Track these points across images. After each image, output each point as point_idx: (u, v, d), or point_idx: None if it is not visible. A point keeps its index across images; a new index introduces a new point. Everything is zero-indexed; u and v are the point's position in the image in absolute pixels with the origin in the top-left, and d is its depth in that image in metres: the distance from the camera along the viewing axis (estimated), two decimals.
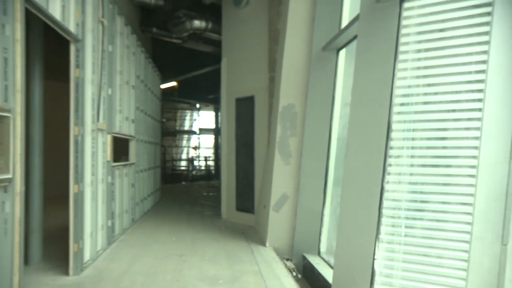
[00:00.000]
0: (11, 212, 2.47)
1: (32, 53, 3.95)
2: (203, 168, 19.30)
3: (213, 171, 18.32)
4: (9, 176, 2.44)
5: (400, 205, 2.82)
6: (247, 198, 6.73)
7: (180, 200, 9.97)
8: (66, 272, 3.80)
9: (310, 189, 4.95)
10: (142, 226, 6.27)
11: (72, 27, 3.51)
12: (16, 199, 2.50)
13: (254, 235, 5.84)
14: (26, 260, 3.98)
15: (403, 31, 2.87)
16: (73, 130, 3.65)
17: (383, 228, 2.89)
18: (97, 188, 4.25)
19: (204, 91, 16.04)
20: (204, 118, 20.42)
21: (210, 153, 20.42)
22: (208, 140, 20.84)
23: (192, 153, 20.05)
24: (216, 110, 17.92)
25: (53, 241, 4.83)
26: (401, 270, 2.80)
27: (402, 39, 2.87)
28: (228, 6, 7.13)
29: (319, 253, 4.83)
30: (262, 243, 5.26)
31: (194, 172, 17.68)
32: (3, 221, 2.43)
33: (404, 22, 2.87)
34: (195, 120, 20.15)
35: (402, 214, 2.80)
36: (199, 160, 19.55)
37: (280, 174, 5.24)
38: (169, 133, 17.57)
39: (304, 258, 4.81)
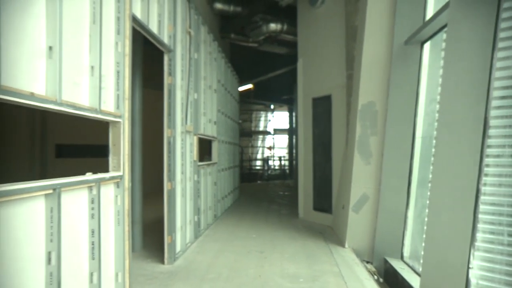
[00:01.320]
0: (122, 205, 2.84)
1: (133, 65, 4.46)
2: (277, 167, 19.57)
3: (287, 171, 18.47)
4: (120, 173, 2.80)
5: (501, 211, 2.59)
6: (325, 197, 6.70)
7: (257, 198, 10.26)
8: (161, 261, 4.21)
9: (392, 190, 4.77)
10: (223, 223, 6.63)
11: (166, 39, 3.89)
12: (125, 193, 2.87)
13: (332, 235, 5.80)
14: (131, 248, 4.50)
15: (504, 15, 2.62)
16: (166, 132, 4.03)
17: (479, 235, 2.68)
18: (186, 185, 4.63)
19: (278, 92, 16.28)
20: (278, 118, 20.68)
21: (284, 153, 20.61)
22: (282, 140, 21.05)
23: (267, 153, 20.43)
24: (290, 111, 18.03)
25: (150, 232, 5.36)
26: (504, 284, 2.55)
27: (503, 24, 2.63)
28: (304, 6, 7.18)
29: (402, 258, 4.63)
30: (341, 243, 5.21)
31: (269, 172, 18.00)
32: (116, 213, 2.81)
33: (505, 5, 2.62)
34: (269, 120, 20.52)
35: (504, 221, 2.57)
36: (274, 160, 19.85)
37: (360, 174, 5.14)
38: (245, 134, 18.16)
39: (386, 261, 4.65)
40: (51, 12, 2.04)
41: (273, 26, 8.30)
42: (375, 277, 4.35)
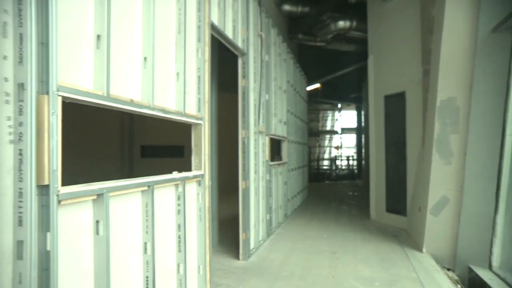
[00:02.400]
0: (203, 202, 3.03)
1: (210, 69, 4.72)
2: (345, 167, 19.11)
3: (355, 171, 17.95)
4: (202, 172, 3.00)
5: None
6: (398, 199, 6.40)
7: (326, 198, 10.14)
8: (236, 257, 4.38)
9: (477, 192, 4.40)
10: (293, 222, 6.67)
11: (239, 43, 4.05)
12: (206, 191, 3.05)
13: (408, 238, 5.53)
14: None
15: None
16: (241, 133, 4.19)
17: None
18: (259, 184, 4.76)
19: (346, 91, 15.89)
20: (345, 117, 20.17)
21: (352, 152, 20.05)
22: (350, 140, 20.48)
23: (335, 153, 20.04)
24: (358, 109, 17.47)
25: (224, 229, 5.60)
26: None
27: None
28: (374, 1, 6.93)
29: (490, 267, 4.25)
30: (418, 248, 4.94)
31: (337, 172, 17.66)
32: (198, 209, 3.00)
33: None
34: (336, 120, 20.10)
35: None
36: (342, 160, 19.40)
37: (439, 175, 4.82)
38: (312, 134, 18.03)
39: (471, 270, 4.30)
40: (146, 27, 2.27)
41: (341, 23, 8.15)
42: (459, 286, 4.06)
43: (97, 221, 1.89)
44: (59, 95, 1.57)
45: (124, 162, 6.57)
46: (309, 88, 11.61)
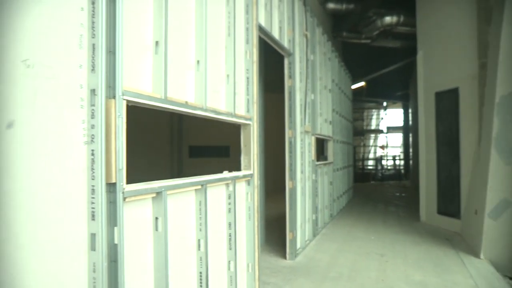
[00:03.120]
0: (252, 201, 3.09)
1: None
2: (391, 167, 18.47)
3: (402, 171, 17.28)
4: (251, 172, 3.05)
5: None
6: (452, 201, 6.09)
7: (372, 199, 9.88)
8: (283, 256, 4.41)
9: None
10: (339, 222, 6.58)
11: (286, 44, 4.07)
12: (255, 191, 3.11)
13: (462, 243, 5.24)
14: None
15: None
16: (287, 133, 4.21)
17: None
18: (305, 184, 4.75)
19: (392, 89, 15.35)
20: (391, 116, 19.48)
21: (398, 151, 19.33)
22: (396, 139, 19.75)
23: (380, 152, 19.42)
24: (405, 107, 16.80)
25: (271, 228, 5.65)
26: None
27: None
28: None
29: None
30: (474, 253, 4.67)
31: (382, 172, 17.11)
32: (247, 208, 3.07)
33: None
34: (382, 118, 19.47)
35: None
36: (387, 159, 18.77)
37: (499, 176, 4.53)
38: (356, 133, 17.61)
39: None
40: (198, 31, 2.36)
41: (388, 19, 7.90)
42: None
43: (156, 218, 2.00)
44: (124, 99, 1.68)
45: (174, 162, 6.85)
46: (353, 86, 11.37)
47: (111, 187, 1.63)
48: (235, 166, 3.08)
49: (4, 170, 1.24)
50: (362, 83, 13.58)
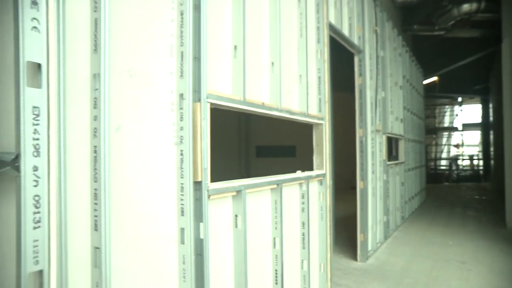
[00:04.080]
0: (324, 201, 3.07)
1: None
2: (467, 168, 17.05)
3: (481, 172, 15.85)
4: (323, 172, 3.04)
5: None
6: None
7: (447, 201, 9.22)
8: (353, 258, 4.30)
9: None
10: (412, 225, 6.24)
11: (355, 41, 3.98)
12: (327, 191, 3.08)
13: None
14: None
15: None
16: (358, 132, 4.10)
17: None
18: (376, 185, 4.59)
19: (468, 83, 14.12)
20: (467, 112, 17.95)
21: (476, 151, 17.77)
22: (473, 137, 18.17)
23: (454, 152, 18.02)
24: (485, 102, 15.37)
25: (339, 229, 5.54)
26: None
27: None
28: None
29: None
30: None
31: (457, 172, 15.87)
32: (319, 208, 3.05)
33: None
34: (456, 115, 18.04)
35: None
36: (463, 159, 17.36)
37: None
38: (428, 131, 16.53)
39: None
40: (273, 34, 2.41)
41: (466, 7, 7.29)
42: None
43: (236, 215, 2.08)
44: (208, 102, 1.78)
45: (241, 162, 7.02)
46: (425, 82, 10.70)
47: (197, 185, 1.73)
48: (302, 166, 3.08)
49: (115, 168, 1.38)
50: (434, 78, 12.71)
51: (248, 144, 6.81)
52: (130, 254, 1.48)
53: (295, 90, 2.71)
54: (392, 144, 6.42)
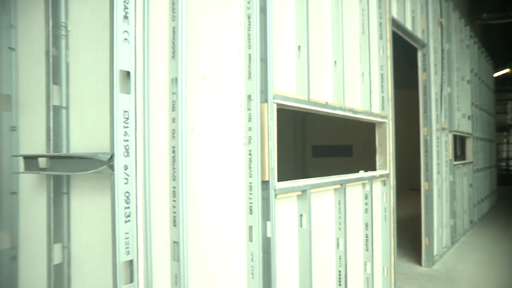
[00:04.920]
0: (388, 202, 2.97)
1: None
2: None
3: None
4: (387, 172, 2.94)
5: None
6: None
7: None
8: (417, 262, 4.10)
9: None
10: (482, 230, 5.80)
11: (419, 35, 3.79)
12: (391, 191, 2.98)
13: None
14: None
15: None
16: (422, 131, 3.91)
17: None
18: (442, 186, 4.34)
19: None
20: None
21: None
22: None
23: None
24: None
25: (399, 230, 5.32)
26: None
27: None
28: None
29: None
30: None
31: None
32: (383, 209, 2.96)
33: None
34: None
35: None
36: None
37: None
38: (499, 128, 15.19)
39: None
40: (335, 32, 2.38)
41: None
42: None
43: (301, 215, 2.09)
44: (275, 102, 1.81)
45: (297, 161, 7.02)
46: (496, 74, 9.86)
47: (264, 184, 1.77)
48: (360, 166, 3.00)
49: (190, 167, 1.46)
50: (506, 70, 11.68)
51: (304, 144, 6.78)
52: (203, 249, 1.56)
53: (358, 89, 2.66)
54: (456, 143, 6.02)
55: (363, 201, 2.70)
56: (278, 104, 1.85)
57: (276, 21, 1.89)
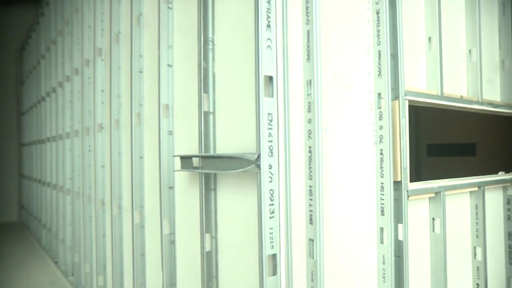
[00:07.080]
0: None
1: None
2: None
3: None
4: None
5: None
6: None
7: None
8: None
9: None
10: None
11: None
12: None
13: None
14: None
15: None
16: None
17: None
18: None
19: None
20: None
21: None
22: None
23: None
24: None
25: None
26: None
27: None
28: None
29: None
30: None
31: None
32: None
33: None
34: None
35: None
36: None
37: None
38: None
39: None
40: (470, 17, 2.16)
41: None
42: None
43: (433, 219, 1.94)
44: (406, 99, 1.72)
45: (411, 161, 6.52)
46: None
47: (396, 185, 1.70)
48: (485, 166, 2.64)
49: (324, 166, 1.49)
50: None
51: (418, 142, 6.26)
52: (335, 248, 1.56)
53: (497, 79, 2.36)
54: None
55: (505, 206, 2.38)
56: (409, 101, 1.76)
57: (404, 14, 1.80)
